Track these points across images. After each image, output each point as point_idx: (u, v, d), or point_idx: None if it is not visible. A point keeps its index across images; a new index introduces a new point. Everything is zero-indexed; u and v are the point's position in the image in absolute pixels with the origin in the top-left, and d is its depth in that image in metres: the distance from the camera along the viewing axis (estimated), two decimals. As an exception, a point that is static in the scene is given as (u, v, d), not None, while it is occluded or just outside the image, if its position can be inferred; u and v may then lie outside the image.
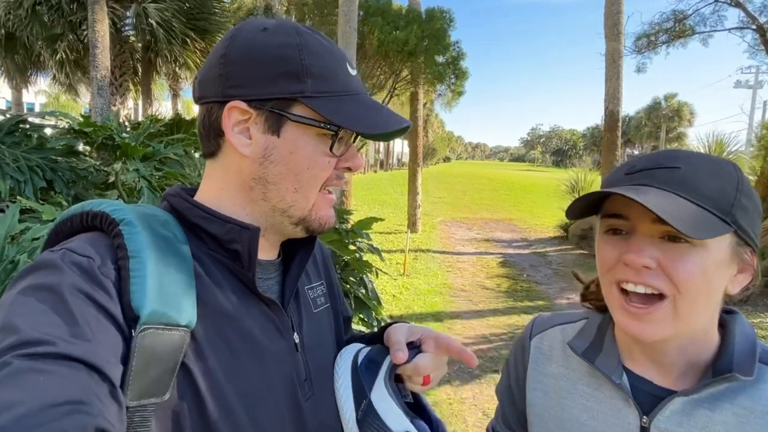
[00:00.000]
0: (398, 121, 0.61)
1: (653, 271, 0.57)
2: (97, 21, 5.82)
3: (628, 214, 0.60)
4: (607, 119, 7.23)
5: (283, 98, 0.57)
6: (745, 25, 6.73)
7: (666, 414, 0.61)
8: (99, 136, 2.41)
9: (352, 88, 0.61)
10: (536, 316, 0.83)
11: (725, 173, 0.58)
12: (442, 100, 11.79)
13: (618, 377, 0.65)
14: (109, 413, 0.42)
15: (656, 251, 0.57)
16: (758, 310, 5.52)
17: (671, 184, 0.57)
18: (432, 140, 48.30)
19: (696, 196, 0.56)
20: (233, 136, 0.58)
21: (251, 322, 0.59)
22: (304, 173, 0.59)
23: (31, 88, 12.14)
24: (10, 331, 0.42)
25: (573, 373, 0.72)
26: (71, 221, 0.55)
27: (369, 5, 9.12)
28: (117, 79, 8.48)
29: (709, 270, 0.56)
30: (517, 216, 14.38)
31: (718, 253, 0.57)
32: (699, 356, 0.63)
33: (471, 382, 3.68)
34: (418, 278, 6.79)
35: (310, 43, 0.58)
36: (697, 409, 0.60)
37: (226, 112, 0.57)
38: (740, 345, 0.61)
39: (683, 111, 44.15)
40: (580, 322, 0.76)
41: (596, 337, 0.71)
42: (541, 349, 0.78)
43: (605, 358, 0.68)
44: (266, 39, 0.57)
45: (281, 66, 0.56)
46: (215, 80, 0.58)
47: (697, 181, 0.56)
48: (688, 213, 0.54)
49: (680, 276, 0.56)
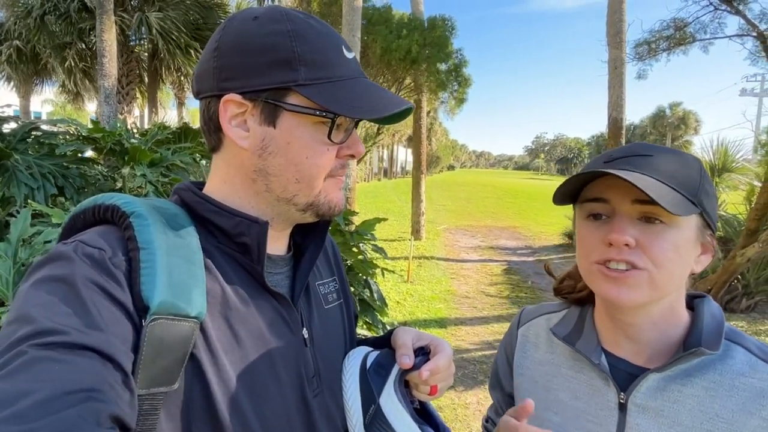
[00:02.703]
0: (397, 104, 0.59)
1: (633, 250, 0.62)
2: (104, 30, 5.92)
3: (609, 198, 0.64)
4: (611, 127, 7.24)
5: (276, 88, 0.56)
6: (745, 33, 6.75)
7: (642, 390, 0.66)
8: (108, 141, 2.46)
9: (348, 73, 0.59)
10: (523, 308, 0.88)
11: (689, 163, 0.64)
12: (444, 107, 11.85)
13: (597, 358, 0.70)
14: (122, 401, 0.43)
15: (635, 231, 0.62)
16: (766, 317, 5.48)
17: (648, 169, 0.62)
18: (436, 148, 48.38)
19: (670, 180, 0.61)
20: (231, 129, 0.58)
21: (260, 315, 0.59)
22: (303, 163, 0.58)
23: (37, 97, 12.31)
24: (25, 322, 0.43)
25: (558, 358, 0.77)
26: (84, 215, 0.56)
27: (371, 14, 9.23)
28: (124, 87, 8.61)
29: (681, 247, 0.62)
30: (522, 224, 14.34)
31: (688, 232, 0.62)
32: (671, 335, 0.67)
33: (475, 387, 3.67)
34: (422, 285, 6.79)
35: (302, 29, 0.57)
36: (670, 384, 0.65)
37: (222, 105, 0.57)
38: (708, 324, 0.65)
39: (689, 119, 44.05)
40: (563, 311, 0.80)
41: (577, 323, 0.76)
42: (528, 337, 0.82)
43: (585, 341, 0.72)
44: (257, 28, 0.56)
45: (273, 55, 0.55)
46: (210, 74, 0.58)
47: (669, 167, 0.62)
48: (666, 193, 0.59)
49: (656, 252, 0.61)
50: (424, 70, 9.41)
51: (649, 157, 0.64)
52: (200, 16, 8.69)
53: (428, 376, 0.62)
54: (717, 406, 0.62)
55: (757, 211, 4.74)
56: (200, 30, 8.69)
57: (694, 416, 0.62)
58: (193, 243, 0.55)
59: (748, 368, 0.62)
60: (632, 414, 0.66)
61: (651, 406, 0.65)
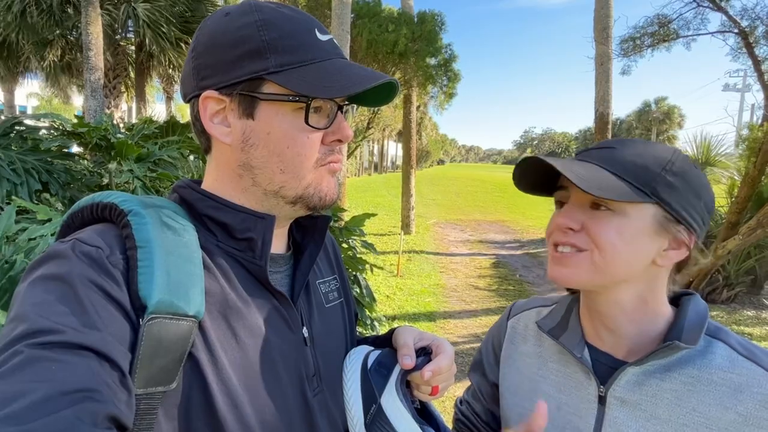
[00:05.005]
0: (372, 78, 0.56)
1: (578, 233, 0.65)
2: (90, 23, 5.82)
3: (567, 185, 0.69)
4: (598, 121, 7.32)
5: (250, 79, 0.55)
6: (727, 29, 6.87)
7: (621, 384, 0.67)
8: (93, 137, 2.43)
9: (321, 54, 0.57)
10: (515, 301, 0.89)
11: (653, 155, 0.65)
12: (434, 102, 11.87)
13: (579, 351, 0.71)
14: (120, 400, 0.43)
15: (582, 216, 0.66)
16: (745, 308, 5.62)
17: (602, 160, 0.66)
18: (426, 143, 48.38)
19: (618, 169, 0.64)
20: (213, 127, 0.58)
21: (259, 314, 0.58)
22: (285, 153, 0.57)
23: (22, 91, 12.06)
24: (21, 321, 0.42)
25: (545, 351, 0.78)
26: (82, 213, 0.56)
27: (360, 7, 9.19)
28: (111, 81, 8.47)
29: (626, 233, 0.63)
30: (510, 217, 14.46)
31: (637, 221, 0.63)
32: (649, 329, 0.68)
33: (464, 380, 3.71)
34: (411, 279, 6.83)
35: (271, 17, 0.56)
36: (649, 378, 0.65)
37: (201, 104, 0.57)
38: (690, 320, 0.66)
39: (673, 114, 44.62)
40: (552, 306, 0.82)
41: (563, 317, 0.77)
42: (517, 329, 0.84)
43: (570, 335, 0.74)
44: (228, 24, 0.56)
45: (243, 47, 0.55)
46: (190, 75, 0.59)
47: (623, 159, 0.65)
48: (602, 180, 0.62)
49: (596, 234, 0.64)
50: (413, 64, 9.41)
51: (611, 150, 0.66)
52: (188, 9, 8.57)
53: (430, 377, 0.62)
54: (694, 400, 0.62)
55: (737, 205, 4.85)
56: (188, 23, 8.57)
57: (671, 410, 0.63)
58: (192, 241, 0.55)
59: (728, 363, 0.62)
60: (611, 407, 0.67)
61: (629, 399, 0.65)
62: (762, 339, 4.68)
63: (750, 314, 5.41)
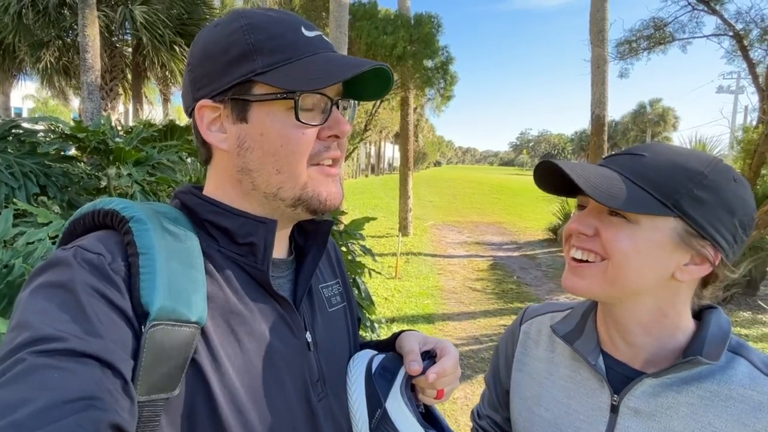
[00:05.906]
0: (358, 65, 0.56)
1: (591, 239, 0.65)
2: (87, 25, 5.80)
3: None
4: (594, 123, 7.37)
5: (240, 83, 0.56)
6: (722, 32, 6.93)
7: (636, 394, 0.65)
8: (92, 140, 2.42)
9: (309, 50, 0.57)
10: (528, 306, 0.88)
11: (684, 165, 0.61)
12: (431, 104, 11.90)
13: (594, 359, 0.70)
14: (122, 408, 0.42)
15: (596, 221, 0.65)
16: (741, 308, 5.65)
17: (623, 167, 0.64)
18: (423, 145, 48.44)
19: (639, 178, 0.62)
20: (210, 135, 0.59)
21: (262, 319, 0.58)
22: (279, 152, 0.57)
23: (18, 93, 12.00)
24: (24, 328, 0.42)
25: (557, 356, 0.77)
26: (83, 220, 0.56)
27: (357, 10, 9.20)
28: (108, 83, 8.43)
29: (640, 244, 0.61)
30: (507, 219, 14.49)
31: (653, 233, 0.61)
32: (668, 342, 0.66)
33: (463, 382, 3.72)
34: (409, 281, 6.83)
35: (256, 21, 0.57)
36: (665, 390, 0.64)
37: (197, 113, 0.58)
38: (713, 334, 0.64)
39: (668, 116, 44.93)
40: (567, 311, 0.81)
41: (579, 323, 0.76)
42: (530, 334, 0.83)
43: (584, 341, 0.72)
44: (217, 33, 0.58)
45: (231, 52, 0.56)
46: (188, 89, 0.60)
47: (648, 167, 0.62)
48: (616, 188, 0.61)
49: (606, 240, 0.63)
50: (411, 66, 9.43)
51: (639, 157, 0.64)
52: (185, 11, 8.55)
53: (435, 379, 0.62)
54: (711, 415, 0.61)
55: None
56: (185, 25, 8.55)
57: (686, 424, 0.61)
58: (193, 247, 0.55)
59: (749, 380, 0.61)
60: (623, 416, 0.66)
61: (643, 410, 0.64)
62: (758, 340, 4.71)
63: (746, 315, 5.43)
